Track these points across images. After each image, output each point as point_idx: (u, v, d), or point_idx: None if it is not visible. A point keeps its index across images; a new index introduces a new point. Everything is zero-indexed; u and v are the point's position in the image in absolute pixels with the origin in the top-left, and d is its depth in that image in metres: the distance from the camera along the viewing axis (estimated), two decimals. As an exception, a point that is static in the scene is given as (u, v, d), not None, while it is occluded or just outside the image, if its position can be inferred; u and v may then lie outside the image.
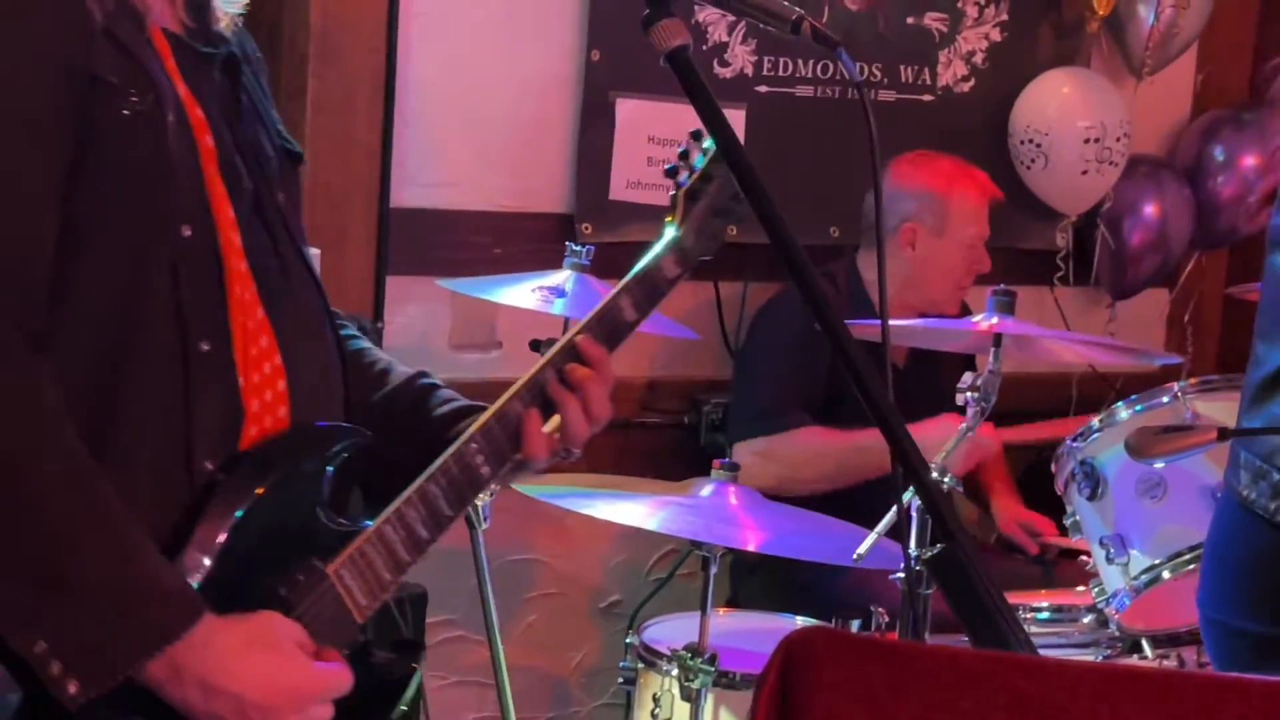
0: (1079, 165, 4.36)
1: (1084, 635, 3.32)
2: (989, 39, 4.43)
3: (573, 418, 1.87)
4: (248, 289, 1.72)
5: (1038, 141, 4.37)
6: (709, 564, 3.03)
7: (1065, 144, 4.35)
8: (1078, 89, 4.44)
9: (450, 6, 3.86)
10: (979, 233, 3.90)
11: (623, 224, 4.01)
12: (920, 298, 3.85)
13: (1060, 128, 4.36)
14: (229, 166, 1.72)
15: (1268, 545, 2.08)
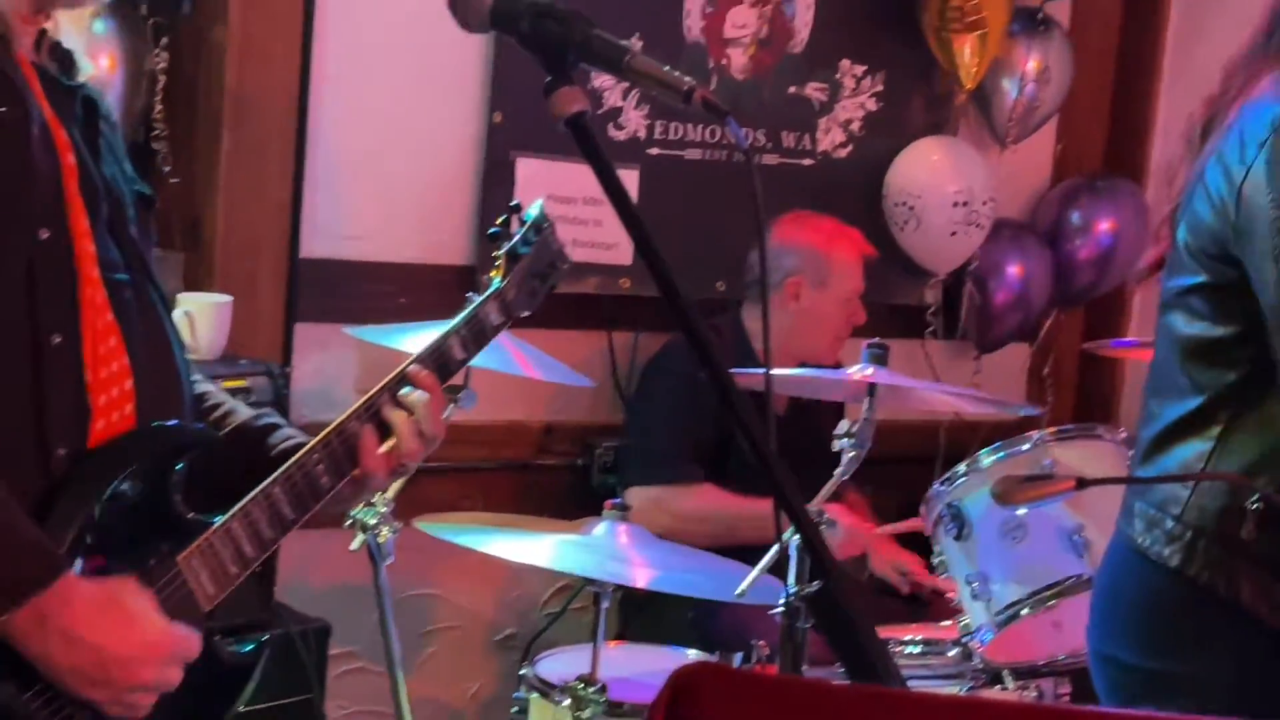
0: (948, 227, 4.40)
1: (949, 668, 3.32)
2: (865, 108, 4.46)
3: (406, 434, 1.91)
4: (99, 293, 1.75)
5: (910, 204, 4.40)
6: (600, 599, 3.01)
7: (935, 207, 4.39)
8: (947, 156, 4.48)
9: (360, 69, 3.84)
10: (855, 288, 3.93)
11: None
12: (801, 348, 3.85)
13: (931, 192, 4.40)
14: (88, 185, 1.76)
15: (1159, 588, 2.09)
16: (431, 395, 1.95)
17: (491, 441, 4.06)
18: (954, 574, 3.31)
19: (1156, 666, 2.09)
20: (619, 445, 4.11)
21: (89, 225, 1.75)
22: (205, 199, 3.68)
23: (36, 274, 1.68)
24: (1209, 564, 2.04)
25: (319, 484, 1.89)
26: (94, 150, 1.80)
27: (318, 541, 3.60)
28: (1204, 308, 2.07)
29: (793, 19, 4.32)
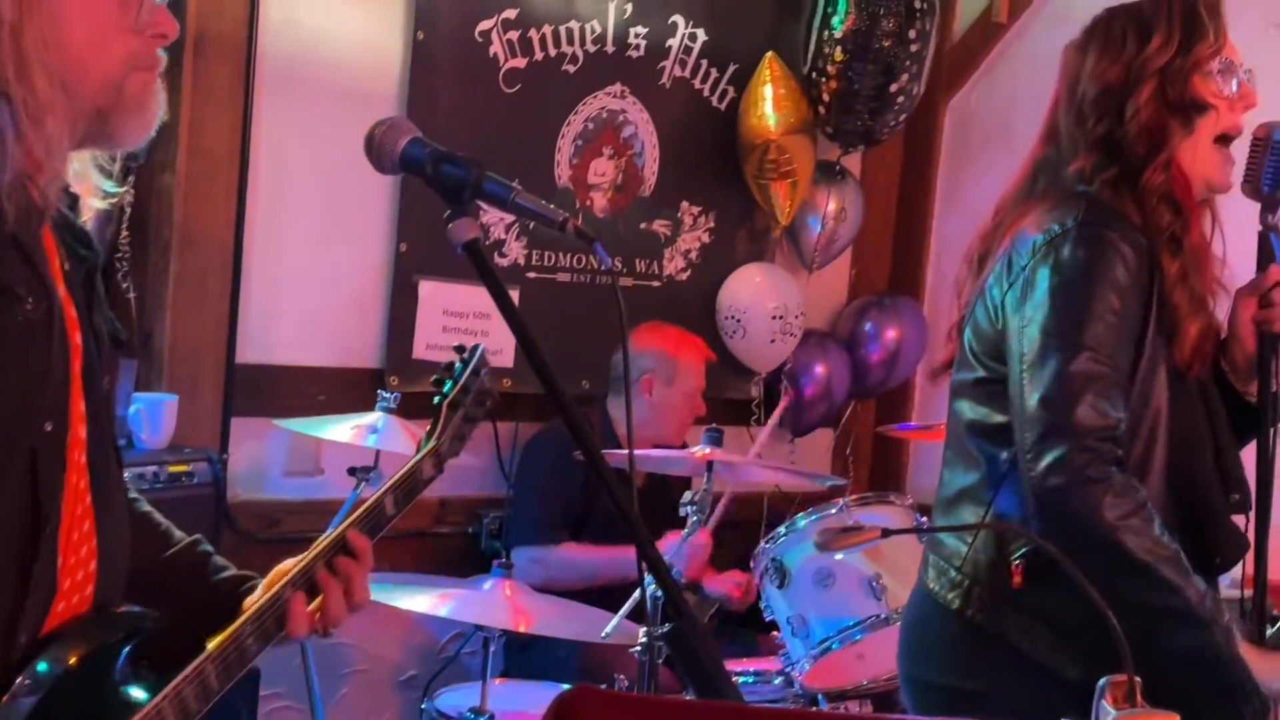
0: (768, 336, 4.43)
1: (776, 693, 3.31)
2: (701, 241, 4.49)
3: (334, 602, 1.70)
4: (82, 479, 1.52)
5: (738, 318, 4.43)
6: (489, 643, 2.97)
7: (758, 320, 4.42)
8: (767, 279, 4.52)
9: (286, 207, 3.79)
10: (698, 385, 3.95)
11: (422, 377, 3.93)
12: (655, 434, 3.86)
13: (754, 308, 4.43)
14: (89, 365, 1.54)
15: (947, 624, 2.10)
16: (363, 561, 1.73)
17: (396, 513, 3.99)
18: (777, 616, 3.31)
19: (950, 684, 2.09)
20: (503, 515, 4.07)
21: (84, 409, 1.53)
22: (156, 314, 3.61)
23: (38, 466, 1.45)
24: (981, 607, 2.05)
25: (247, 653, 1.64)
26: (95, 307, 1.58)
27: (250, 599, 3.49)
28: (984, 398, 2.08)
29: (642, 169, 4.35)
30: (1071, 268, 1.96)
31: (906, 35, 4.30)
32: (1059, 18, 4.53)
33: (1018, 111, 4.65)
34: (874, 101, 4.37)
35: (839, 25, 4.32)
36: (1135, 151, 2.02)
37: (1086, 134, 2.07)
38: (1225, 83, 2.04)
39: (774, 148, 4.32)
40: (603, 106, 4.23)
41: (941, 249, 4.91)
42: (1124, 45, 2.07)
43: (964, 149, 4.85)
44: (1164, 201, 2.01)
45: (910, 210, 4.97)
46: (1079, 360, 1.92)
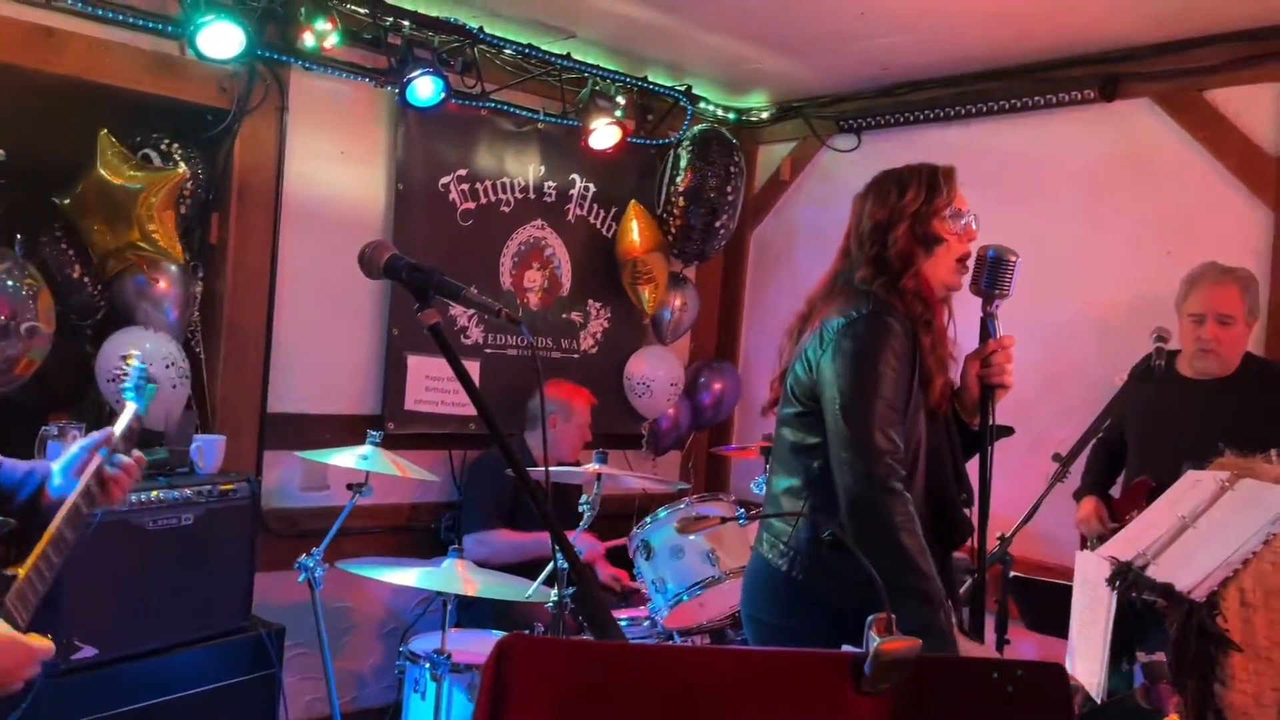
0: (666, 396, 4.44)
1: (645, 633, 3.26)
2: (603, 325, 4.46)
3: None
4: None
5: (649, 385, 4.41)
6: (446, 604, 2.88)
7: (661, 387, 4.41)
8: (664, 359, 4.50)
9: (306, 304, 3.70)
10: (587, 421, 3.92)
11: (411, 424, 3.88)
12: (558, 454, 3.81)
13: (659, 380, 4.43)
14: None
15: (777, 580, 2.07)
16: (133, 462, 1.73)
17: (381, 515, 3.89)
18: (645, 579, 3.27)
19: (780, 623, 2.07)
20: (455, 514, 3.97)
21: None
22: (212, 378, 3.48)
23: None
24: (801, 569, 2.04)
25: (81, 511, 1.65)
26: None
27: (277, 579, 3.37)
28: (801, 426, 2.08)
29: (561, 277, 4.32)
30: (865, 341, 1.97)
31: (725, 189, 4.36)
32: (823, 178, 4.68)
33: (795, 239, 4.77)
34: (704, 232, 4.42)
35: (680, 181, 4.37)
36: (895, 266, 2.07)
37: (865, 254, 2.11)
38: (955, 223, 2.09)
39: (640, 262, 4.35)
40: (530, 235, 4.22)
41: (749, 329, 4.95)
42: (889, 196, 2.11)
43: (762, 264, 4.92)
44: (916, 298, 2.06)
45: (729, 304, 5.02)
46: (874, 403, 1.93)
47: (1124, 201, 3.66)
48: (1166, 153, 3.57)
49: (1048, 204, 3.85)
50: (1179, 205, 3.53)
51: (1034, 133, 3.89)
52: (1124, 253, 3.65)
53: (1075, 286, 3.74)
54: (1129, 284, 3.62)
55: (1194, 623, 1.52)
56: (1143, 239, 3.61)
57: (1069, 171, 3.81)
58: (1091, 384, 3.52)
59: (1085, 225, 3.75)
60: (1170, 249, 3.52)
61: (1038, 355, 3.69)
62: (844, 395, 1.95)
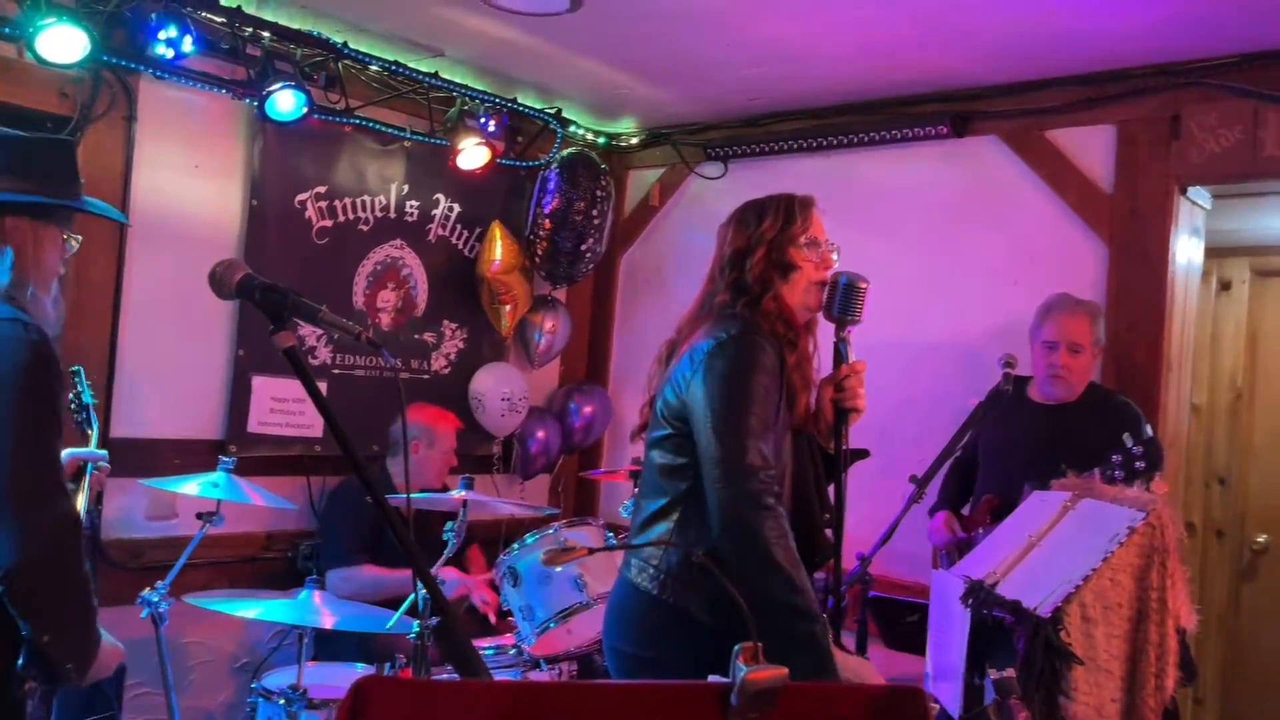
0: (499, 411, 4.38)
1: (511, 660, 3.22)
2: (457, 346, 4.41)
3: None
4: None
5: (479, 399, 4.37)
6: (303, 636, 2.78)
7: (492, 400, 4.36)
8: (501, 373, 4.47)
9: (151, 322, 3.53)
10: (452, 446, 3.86)
11: (255, 447, 3.73)
12: (422, 481, 3.74)
13: (489, 393, 4.38)
14: None
15: (644, 606, 2.06)
16: None
17: (234, 544, 3.72)
18: (512, 606, 3.23)
19: (645, 654, 2.04)
20: (314, 543, 3.84)
21: None
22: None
23: None
24: (673, 593, 2.03)
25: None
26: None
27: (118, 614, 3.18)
28: (670, 447, 2.08)
29: (416, 297, 4.25)
30: (736, 360, 1.98)
31: (592, 213, 4.38)
32: (691, 204, 4.75)
33: (665, 264, 4.82)
34: (572, 255, 4.42)
35: (547, 204, 4.37)
36: (754, 290, 2.10)
37: (726, 279, 2.14)
38: (811, 251, 2.14)
39: (499, 282, 4.32)
40: (387, 254, 4.15)
41: (620, 353, 4.97)
42: (748, 225, 2.15)
43: (632, 288, 4.95)
44: (779, 319, 2.08)
45: (599, 327, 5.03)
46: (747, 420, 1.93)
47: (974, 233, 3.85)
48: (1012, 187, 3.76)
49: (903, 233, 4.00)
50: (1024, 238, 3.73)
51: (891, 165, 4.05)
52: (975, 281, 3.83)
53: (930, 313, 3.90)
54: (980, 311, 3.79)
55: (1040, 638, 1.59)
56: (992, 269, 3.79)
57: (923, 203, 3.98)
58: (946, 407, 3.67)
59: (938, 254, 3.92)
60: (1017, 279, 3.71)
61: (894, 379, 3.82)
62: (716, 414, 1.95)
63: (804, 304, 2.14)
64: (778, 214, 2.14)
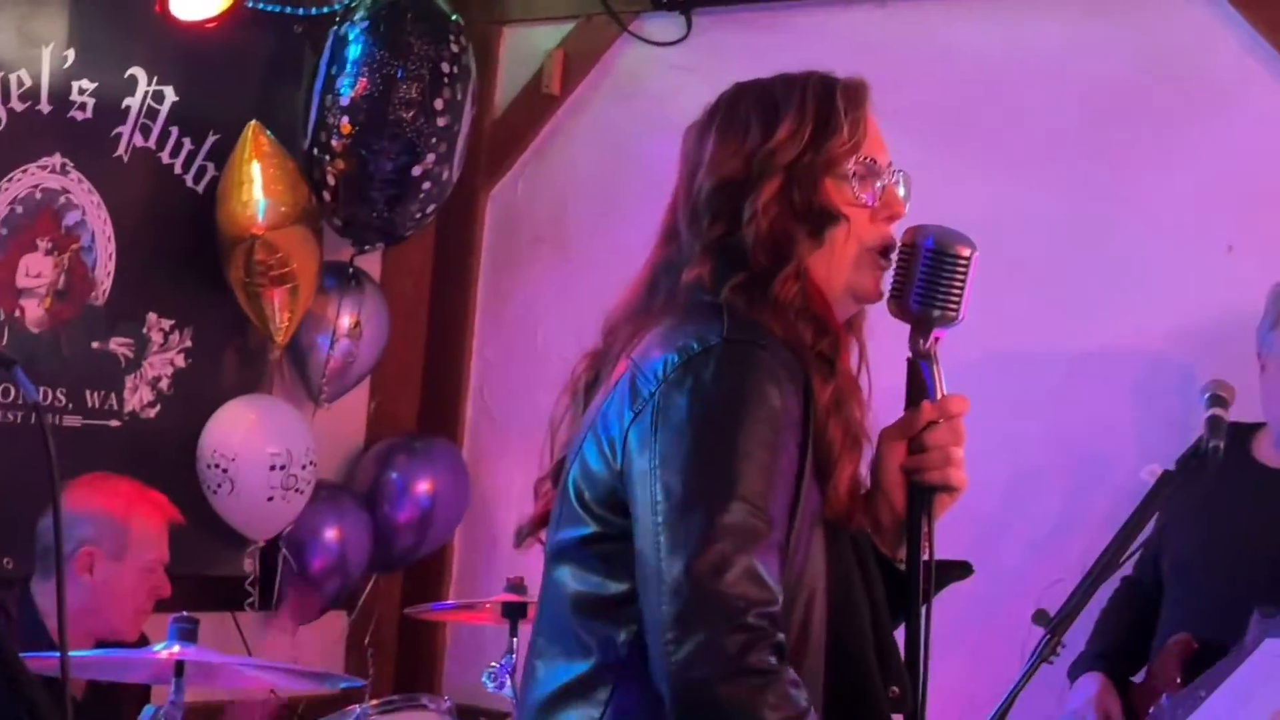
0: (265, 492, 4.35)
1: None
2: (175, 365, 4.41)
3: None
4: None
5: (224, 467, 4.33)
6: None
7: (252, 470, 4.33)
8: (263, 416, 4.46)
9: None
10: (158, 557, 3.78)
11: None
12: (99, 625, 3.65)
13: (247, 454, 4.35)
14: None
15: None
16: None
17: None
18: None
19: None
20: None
21: None
22: None
23: None
24: None
25: None
26: None
27: None
28: (596, 562, 2.07)
29: (93, 269, 4.23)
30: (718, 394, 1.99)
31: (432, 105, 4.36)
32: (624, 90, 4.73)
33: (576, 204, 4.81)
34: (393, 187, 4.40)
35: (347, 90, 4.34)
36: (758, 259, 2.09)
37: (703, 236, 2.13)
38: (864, 189, 2.14)
39: (264, 244, 4.28)
40: (36, 184, 4.12)
41: (484, 376, 4.97)
42: (747, 132, 2.15)
43: (510, 250, 4.94)
44: (803, 316, 2.08)
45: (444, 327, 5.02)
46: (731, 511, 1.93)
47: (1157, 157, 3.89)
48: (1231, 75, 3.81)
49: (1024, 155, 4.03)
50: (1250, 168, 3.76)
51: (1004, 23, 4.08)
52: (1155, 247, 3.87)
53: (1070, 303, 3.94)
54: (1166, 301, 3.83)
55: None
56: (1189, 222, 3.83)
57: (1062, 99, 4.00)
58: (1102, 481, 3.70)
59: (1088, 195, 3.95)
60: (1234, 242, 3.75)
61: (1002, 427, 3.81)
62: (672, 499, 1.95)
63: (849, 286, 2.16)
64: (804, 110, 2.14)
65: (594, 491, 2.07)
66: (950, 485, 2.14)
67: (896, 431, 2.17)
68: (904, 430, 2.16)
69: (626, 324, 2.18)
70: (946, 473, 2.13)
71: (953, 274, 2.11)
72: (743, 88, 2.21)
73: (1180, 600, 3.36)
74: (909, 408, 2.16)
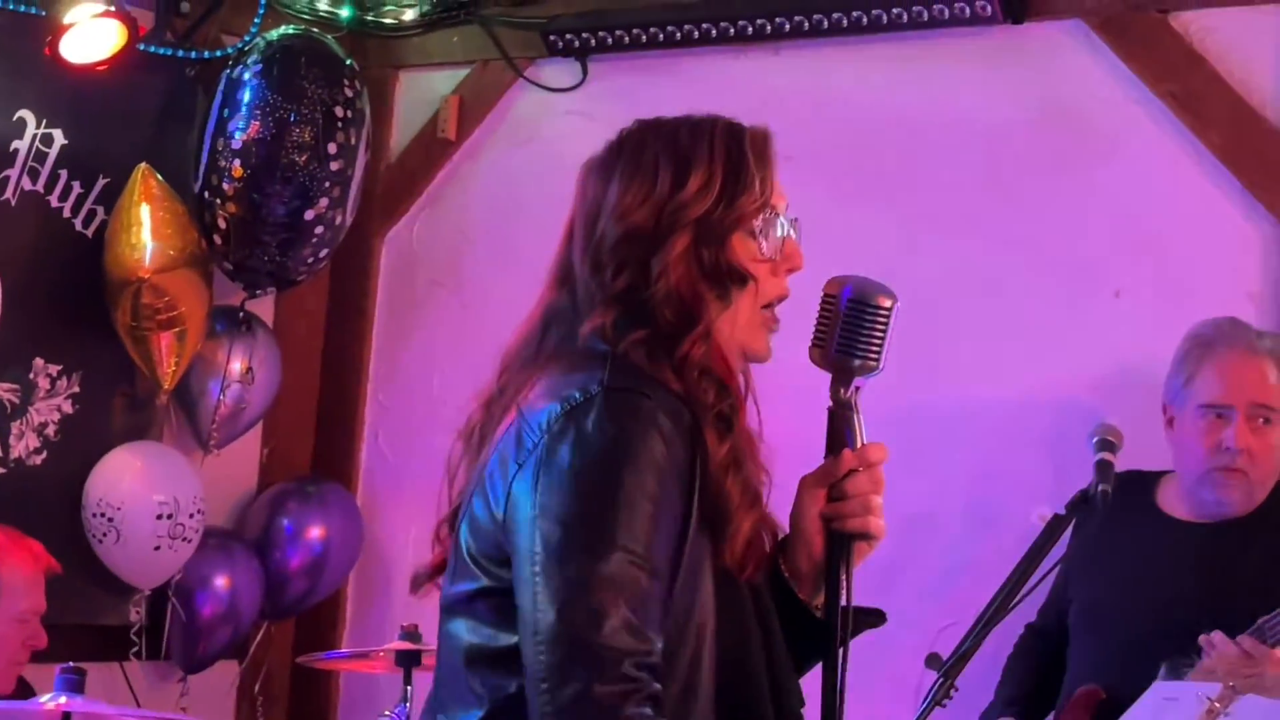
0: (152, 540, 4.29)
1: None
2: (62, 411, 4.36)
3: None
4: None
5: (110, 516, 4.28)
6: None
7: (138, 518, 4.28)
8: (150, 463, 4.41)
9: None
10: (32, 607, 3.70)
11: None
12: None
13: (133, 502, 4.29)
14: None
15: None
16: None
17: None
18: None
19: None
20: None
21: None
22: None
23: None
24: None
25: None
26: None
27: None
28: (487, 614, 2.05)
29: (-23, 312, 4.17)
30: (599, 443, 1.97)
31: (325, 150, 4.33)
32: (519, 135, 4.73)
33: (471, 248, 4.79)
34: (286, 231, 4.36)
35: (239, 133, 4.30)
36: (666, 319, 2.08)
37: (604, 287, 2.11)
38: (768, 242, 2.13)
39: (151, 288, 4.25)
40: (-87, 228, 4.08)
41: (379, 421, 4.94)
42: (656, 180, 2.12)
43: (405, 294, 4.92)
44: (706, 377, 2.07)
45: (339, 371, 4.99)
46: (609, 561, 1.92)
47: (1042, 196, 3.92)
48: (1113, 116, 3.86)
49: (916, 198, 4.05)
50: (1135, 208, 3.81)
51: (896, 70, 4.11)
52: (1043, 289, 3.90)
53: (962, 349, 3.95)
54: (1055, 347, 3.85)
55: None
56: (1078, 265, 3.86)
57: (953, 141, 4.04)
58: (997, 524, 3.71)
59: (977, 237, 3.98)
60: (1121, 285, 3.79)
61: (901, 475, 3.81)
62: (549, 549, 1.94)
63: (745, 346, 2.16)
64: (714, 162, 2.13)
65: (481, 545, 2.06)
66: (869, 533, 2.13)
67: (816, 479, 2.16)
68: (824, 478, 2.15)
69: (518, 369, 2.16)
70: (866, 520, 2.13)
71: (873, 324, 2.11)
72: (647, 127, 2.19)
73: (1087, 648, 3.38)
74: (829, 456, 2.16)
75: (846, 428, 2.15)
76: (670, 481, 2.00)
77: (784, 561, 2.19)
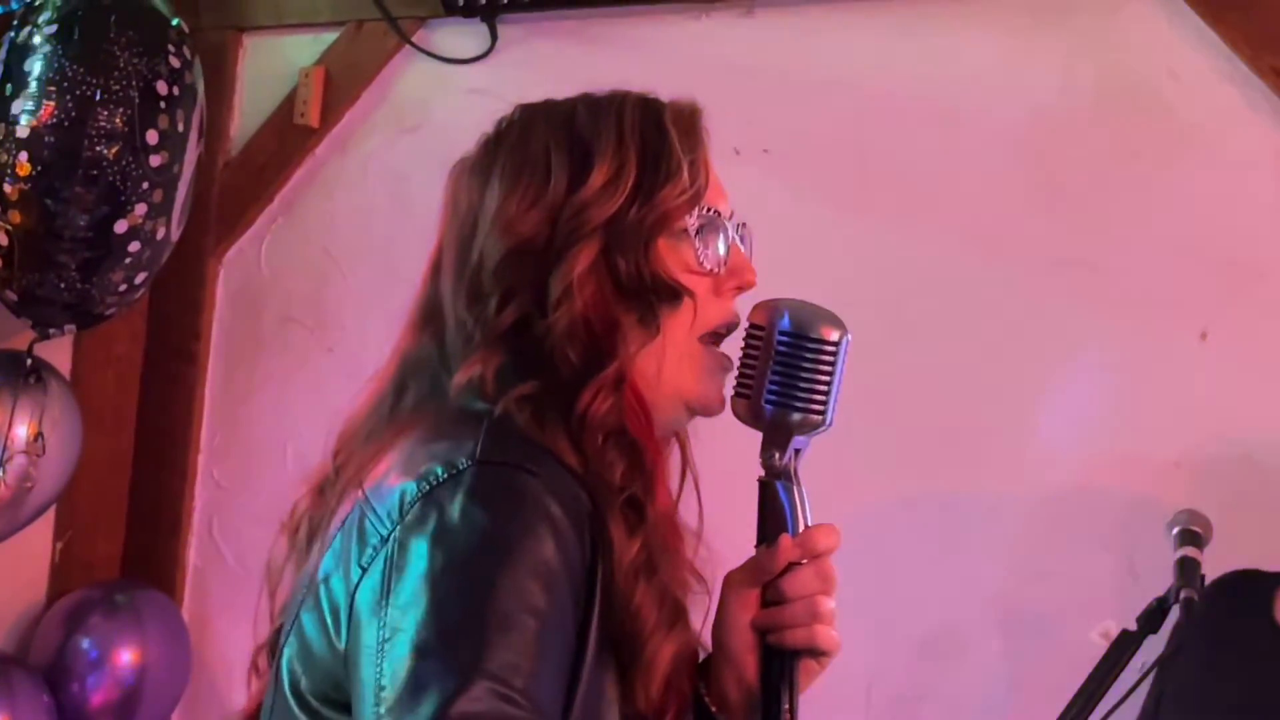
0: None
1: None
2: None
3: None
4: None
5: None
6: None
7: None
8: None
9: None
10: None
11: None
12: None
13: None
14: None
15: None
16: None
17: None
18: None
19: None
20: None
21: None
22: None
23: None
24: None
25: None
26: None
27: None
28: None
29: None
30: (466, 536, 1.96)
31: (143, 139, 4.33)
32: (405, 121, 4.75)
33: (340, 272, 4.83)
34: (89, 249, 4.35)
35: (27, 117, 4.30)
36: (564, 358, 2.09)
37: (487, 323, 2.12)
38: (706, 249, 2.16)
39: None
40: None
41: (214, 506, 4.99)
42: (548, 177, 2.14)
43: (251, 335, 4.97)
44: (615, 444, 2.07)
45: (159, 439, 5.04)
46: (471, 694, 1.89)
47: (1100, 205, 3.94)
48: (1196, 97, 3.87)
49: (920, 202, 4.07)
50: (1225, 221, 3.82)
51: (886, 31, 4.15)
52: (1098, 330, 3.91)
53: (982, 411, 3.96)
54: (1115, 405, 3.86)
55: None
56: (1144, 297, 3.87)
57: (974, 128, 4.06)
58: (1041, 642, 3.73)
59: (1005, 257, 4.00)
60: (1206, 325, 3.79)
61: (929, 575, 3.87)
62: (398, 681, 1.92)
63: (683, 392, 2.18)
64: (623, 147, 2.15)
65: (312, 679, 2.06)
66: (817, 648, 2.12)
67: (746, 577, 2.15)
68: (756, 575, 2.14)
69: (362, 441, 2.17)
70: (812, 631, 2.11)
71: (816, 365, 2.11)
72: (534, 111, 2.23)
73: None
74: (761, 545, 2.14)
75: (785, 506, 2.14)
76: (561, 587, 1.98)
77: (707, 689, 2.19)
